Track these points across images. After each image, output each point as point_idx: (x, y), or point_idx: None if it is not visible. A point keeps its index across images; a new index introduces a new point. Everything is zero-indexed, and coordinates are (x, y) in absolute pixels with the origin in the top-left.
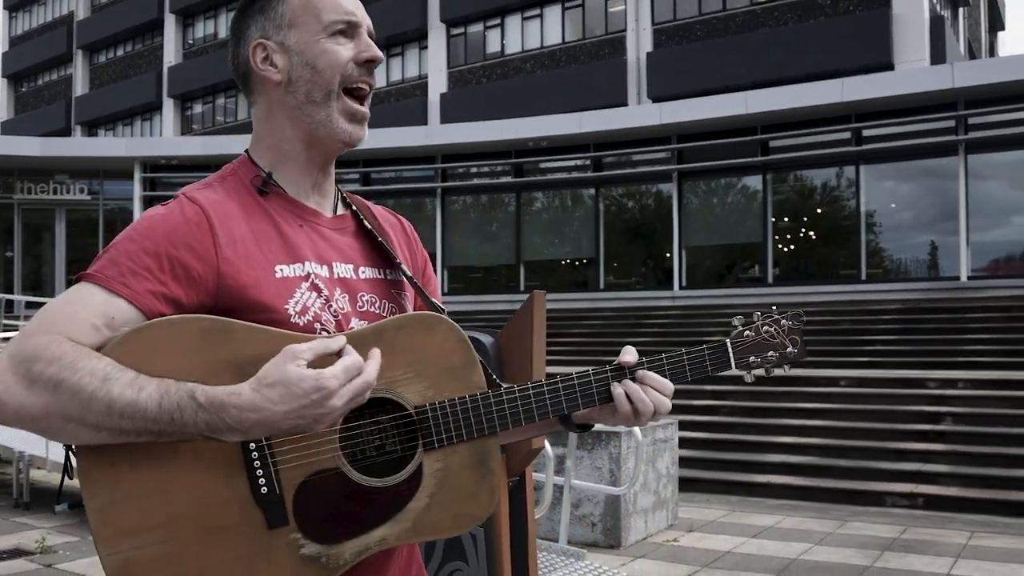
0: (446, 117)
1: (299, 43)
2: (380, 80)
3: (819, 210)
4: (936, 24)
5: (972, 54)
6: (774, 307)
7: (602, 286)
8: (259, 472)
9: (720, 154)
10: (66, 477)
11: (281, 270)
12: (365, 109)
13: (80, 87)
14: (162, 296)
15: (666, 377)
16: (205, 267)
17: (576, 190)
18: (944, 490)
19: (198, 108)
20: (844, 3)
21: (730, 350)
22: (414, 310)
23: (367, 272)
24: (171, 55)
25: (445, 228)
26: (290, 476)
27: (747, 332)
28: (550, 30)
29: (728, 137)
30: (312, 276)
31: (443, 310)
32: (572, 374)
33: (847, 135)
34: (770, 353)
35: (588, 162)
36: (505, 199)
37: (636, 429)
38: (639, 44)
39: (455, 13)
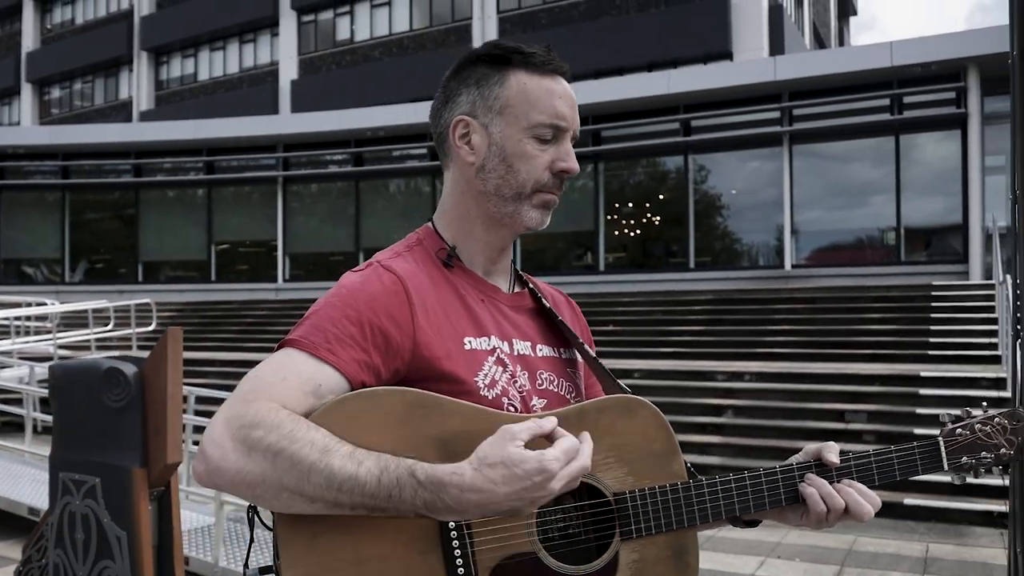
0: (297, 104)
1: (502, 135)
2: (232, 66)
3: (648, 201)
4: (775, 13)
5: (820, 41)
6: (984, 403)
7: None
8: (456, 552)
9: None
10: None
11: (469, 342)
12: (556, 197)
13: None
14: (365, 364)
15: (874, 476)
16: (403, 336)
17: (414, 179)
18: None
19: (56, 93)
20: None
21: (943, 450)
22: (597, 391)
23: (544, 350)
24: (29, 40)
25: (287, 216)
26: (486, 558)
27: (959, 430)
28: (398, 17)
29: None
30: (497, 350)
31: (628, 391)
32: (775, 467)
33: (676, 125)
34: (984, 454)
35: (424, 151)
36: (345, 187)
37: None
38: (484, 32)
39: (305, 1)
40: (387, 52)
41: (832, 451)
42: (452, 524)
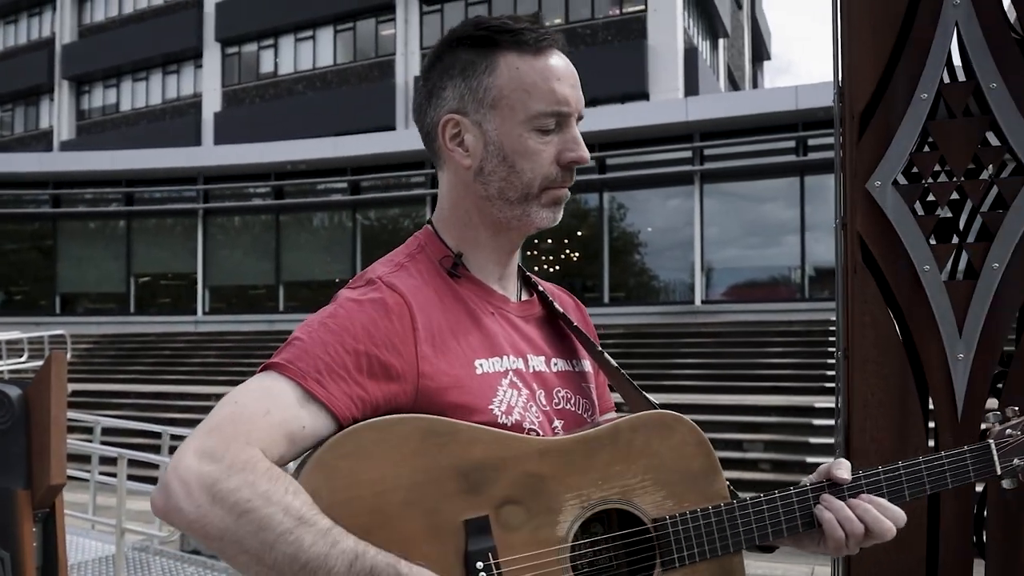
0: (220, 136)
1: (498, 132)
2: (155, 97)
3: (567, 237)
4: (690, 56)
5: (734, 84)
6: (1018, 408)
7: None
8: None
9: None
10: None
11: (481, 365)
12: (567, 192)
13: None
14: (359, 400)
15: (904, 489)
16: (405, 366)
17: (335, 212)
18: None
19: None
20: (603, 33)
21: (994, 453)
22: (607, 401)
23: (559, 364)
24: None
25: (207, 249)
26: None
27: (1009, 431)
28: (322, 52)
29: None
30: (510, 372)
31: (656, 406)
32: (804, 485)
33: (592, 163)
34: None
35: (346, 185)
36: (267, 221)
37: None
38: (408, 68)
39: (230, 32)
40: (311, 86)
41: (842, 468)
42: (480, 564)
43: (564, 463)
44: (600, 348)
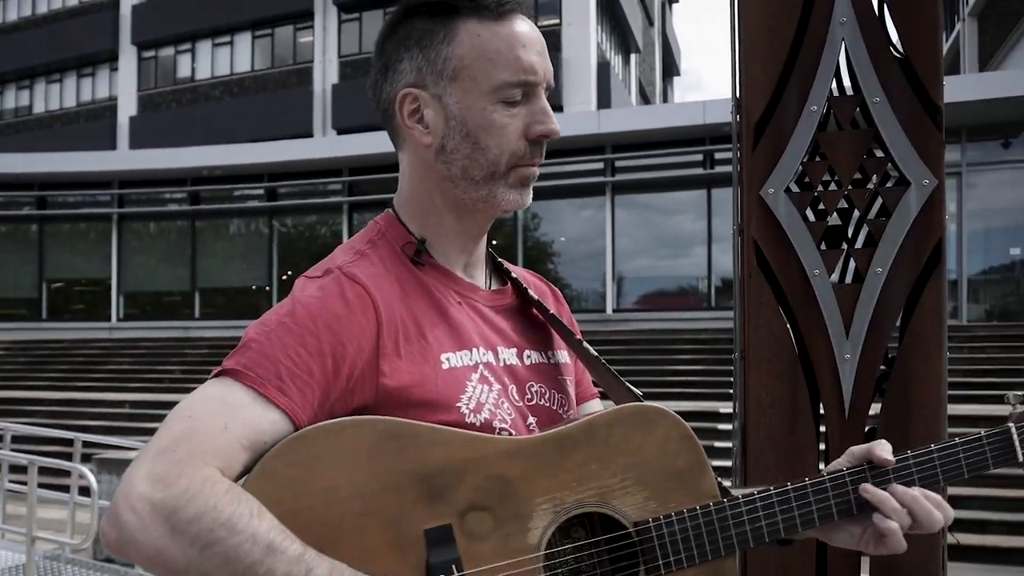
0: (136, 141)
1: (461, 106)
2: (69, 100)
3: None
4: (603, 70)
5: (645, 98)
6: None
7: None
8: None
9: (390, 187)
10: None
11: (448, 360)
12: (536, 170)
13: None
14: (321, 406)
15: (939, 476)
16: (367, 365)
17: (251, 219)
18: None
19: None
20: None
21: (1015, 437)
22: (586, 389)
23: (532, 357)
24: None
25: (121, 254)
26: None
27: None
28: (240, 57)
29: (397, 171)
30: (480, 365)
31: (639, 393)
32: (822, 475)
33: None
34: None
35: (263, 191)
36: (182, 227)
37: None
38: (325, 76)
39: (146, 36)
40: (228, 91)
41: (885, 449)
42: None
43: (534, 464)
44: (579, 337)
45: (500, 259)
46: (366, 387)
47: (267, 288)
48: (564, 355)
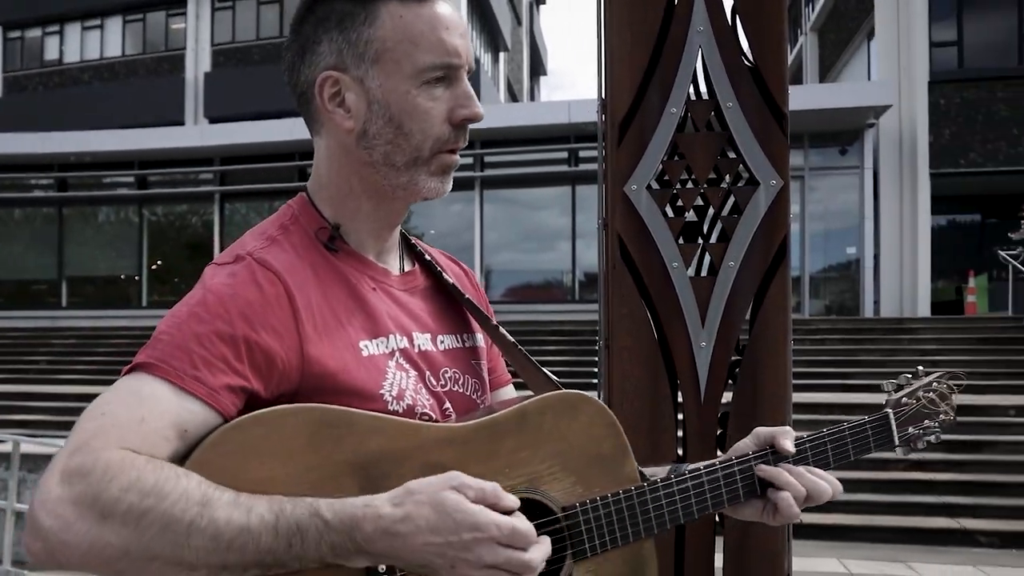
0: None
1: (383, 89)
2: None
3: None
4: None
5: (513, 96)
6: (920, 368)
7: (145, 303)
8: None
9: (261, 177)
10: None
11: (367, 347)
12: (458, 158)
13: None
14: (241, 391)
15: (829, 458)
16: (288, 352)
17: (121, 207)
18: None
19: None
20: None
21: (892, 423)
22: (500, 375)
23: (446, 342)
24: None
25: None
26: None
27: (905, 399)
28: (110, 42)
29: (269, 161)
30: (396, 352)
31: (557, 383)
32: (731, 459)
33: None
34: (927, 423)
35: (133, 179)
36: (49, 214)
37: None
38: (198, 63)
39: (12, 15)
40: (98, 76)
41: (788, 437)
42: (382, 566)
43: (468, 451)
44: (495, 322)
45: (415, 239)
46: (290, 374)
47: (136, 277)
48: (479, 338)
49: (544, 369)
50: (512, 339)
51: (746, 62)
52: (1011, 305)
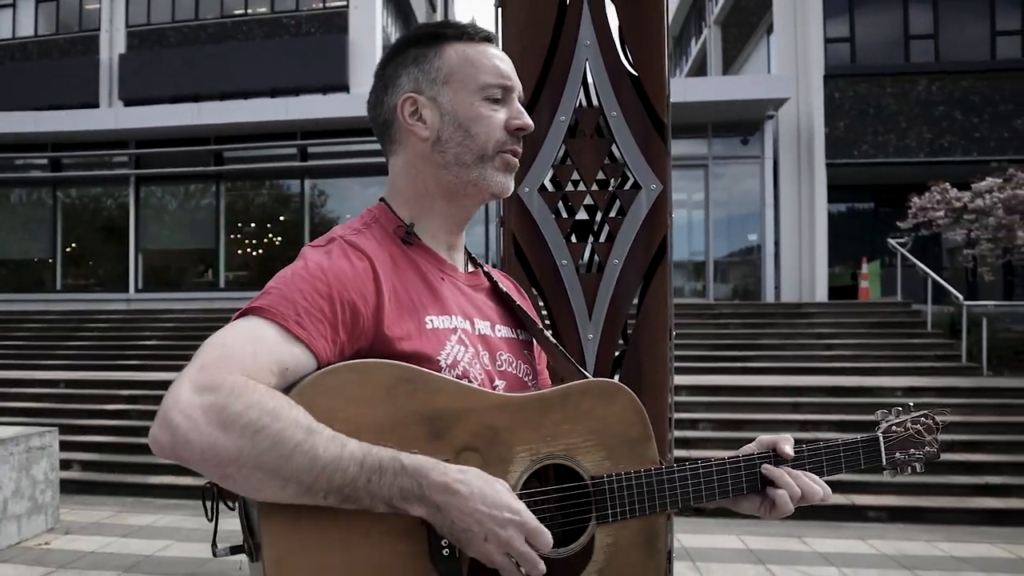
0: None
1: (453, 103)
2: None
3: (269, 221)
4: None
5: None
6: (911, 404)
7: (59, 287)
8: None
9: (177, 161)
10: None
11: (431, 321)
12: (516, 160)
13: None
14: (333, 342)
15: (823, 468)
16: (369, 314)
17: (34, 189)
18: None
19: None
20: (307, 25)
21: (882, 445)
22: (547, 377)
23: (503, 331)
24: None
25: None
26: None
27: (895, 427)
28: (23, 21)
29: (185, 145)
30: (459, 330)
31: (590, 376)
32: (739, 458)
33: (294, 151)
34: (913, 451)
35: (46, 161)
36: None
37: None
38: (112, 45)
39: None
40: (9, 56)
41: (788, 443)
42: None
43: (519, 418)
44: (540, 327)
45: (474, 256)
46: (368, 334)
47: (51, 260)
48: (530, 338)
49: (582, 369)
50: (554, 341)
51: (629, 75)
52: (900, 290)
